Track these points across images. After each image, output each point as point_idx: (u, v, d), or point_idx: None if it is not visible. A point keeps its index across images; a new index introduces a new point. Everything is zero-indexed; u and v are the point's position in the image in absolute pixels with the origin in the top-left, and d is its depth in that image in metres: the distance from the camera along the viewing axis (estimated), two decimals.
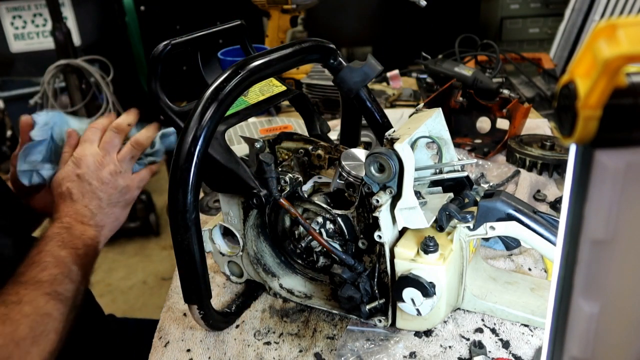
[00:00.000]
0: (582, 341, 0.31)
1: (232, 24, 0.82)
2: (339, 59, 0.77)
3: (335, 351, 0.70)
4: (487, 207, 0.66)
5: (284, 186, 0.71)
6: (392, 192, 0.64)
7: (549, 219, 0.65)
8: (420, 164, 0.73)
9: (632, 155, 0.27)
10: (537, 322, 0.70)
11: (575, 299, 0.31)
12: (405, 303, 0.65)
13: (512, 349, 0.68)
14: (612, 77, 0.25)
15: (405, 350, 0.69)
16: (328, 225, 0.72)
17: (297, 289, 0.79)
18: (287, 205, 0.71)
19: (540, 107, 1.59)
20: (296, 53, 0.71)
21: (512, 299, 0.72)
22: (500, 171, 1.13)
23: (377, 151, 0.63)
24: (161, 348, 0.73)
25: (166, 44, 0.71)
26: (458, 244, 0.68)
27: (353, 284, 0.69)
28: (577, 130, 0.27)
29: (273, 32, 1.58)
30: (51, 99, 2.36)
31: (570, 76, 0.27)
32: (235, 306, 0.78)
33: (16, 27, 2.55)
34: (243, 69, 0.63)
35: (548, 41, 2.60)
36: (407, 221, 0.65)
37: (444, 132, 0.74)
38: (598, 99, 0.25)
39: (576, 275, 0.30)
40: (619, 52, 0.24)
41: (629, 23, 0.25)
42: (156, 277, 2.54)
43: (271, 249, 0.80)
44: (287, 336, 0.74)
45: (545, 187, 1.07)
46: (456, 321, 0.73)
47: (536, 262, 0.84)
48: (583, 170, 0.28)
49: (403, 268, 0.65)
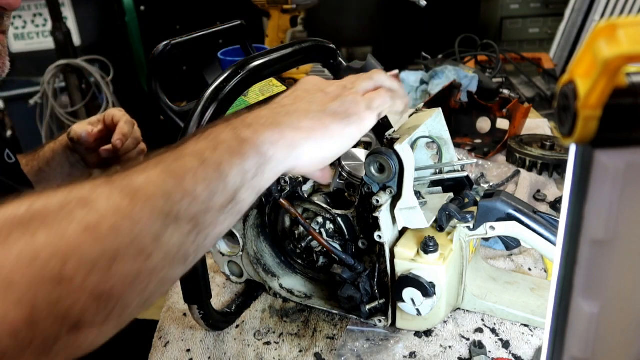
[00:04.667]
0: (582, 341, 0.31)
1: (232, 24, 0.83)
2: (339, 59, 0.77)
3: (335, 351, 0.70)
4: (487, 207, 0.66)
5: (284, 186, 0.71)
6: (392, 192, 0.64)
7: (549, 219, 0.65)
8: (420, 164, 0.73)
9: (632, 155, 0.27)
10: (537, 322, 0.70)
11: (575, 299, 0.31)
12: (405, 303, 0.65)
13: (512, 349, 0.68)
14: (612, 77, 0.25)
15: (405, 350, 0.69)
16: (328, 225, 0.72)
17: (297, 289, 0.79)
18: (287, 205, 0.71)
19: (540, 107, 1.59)
20: (296, 53, 0.71)
21: (512, 299, 0.72)
22: (500, 171, 1.13)
23: (377, 151, 0.63)
24: (161, 348, 0.73)
25: (166, 44, 0.71)
26: (458, 244, 0.68)
27: (353, 284, 0.69)
28: (577, 130, 0.27)
29: (273, 32, 1.58)
30: (51, 99, 2.36)
31: (570, 76, 0.27)
32: (235, 306, 0.78)
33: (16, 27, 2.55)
34: (243, 69, 0.63)
35: (548, 41, 2.60)
36: (407, 221, 0.65)
37: (444, 132, 0.74)
38: (598, 99, 0.25)
39: (576, 275, 0.30)
40: (619, 52, 0.24)
41: (629, 23, 0.25)
42: None
43: (271, 249, 0.80)
44: (287, 336, 0.74)
45: (545, 187, 1.07)
46: (456, 321, 0.73)
47: (536, 262, 0.84)
48: (583, 170, 0.28)
49: (403, 268, 0.65)
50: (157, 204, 0.41)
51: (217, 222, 0.45)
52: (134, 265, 0.39)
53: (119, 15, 2.75)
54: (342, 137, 0.54)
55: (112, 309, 0.38)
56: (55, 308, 0.35)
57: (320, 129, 0.52)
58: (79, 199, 0.39)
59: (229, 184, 0.45)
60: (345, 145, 0.55)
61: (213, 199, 0.44)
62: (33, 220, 0.37)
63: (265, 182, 0.49)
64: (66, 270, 0.35)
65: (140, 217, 0.39)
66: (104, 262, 0.37)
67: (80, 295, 0.36)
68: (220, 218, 0.45)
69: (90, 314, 0.37)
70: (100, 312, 0.37)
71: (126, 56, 2.81)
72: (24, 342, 0.34)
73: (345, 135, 0.54)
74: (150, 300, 0.41)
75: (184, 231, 0.42)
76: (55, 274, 0.35)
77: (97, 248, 0.37)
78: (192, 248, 0.43)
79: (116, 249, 0.38)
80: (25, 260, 0.35)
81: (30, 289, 0.34)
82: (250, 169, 0.47)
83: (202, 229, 0.43)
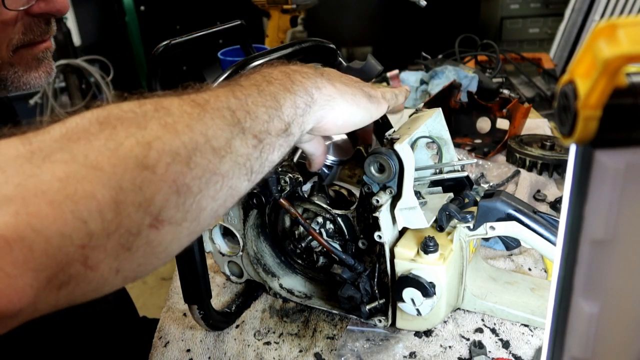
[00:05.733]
0: (582, 341, 0.31)
1: (232, 24, 0.82)
2: (339, 59, 0.77)
3: (335, 351, 0.70)
4: (487, 207, 0.66)
5: (284, 186, 0.71)
6: (392, 192, 0.64)
7: (549, 219, 0.65)
8: (420, 164, 0.73)
9: (632, 155, 0.27)
10: (537, 322, 0.70)
11: (575, 299, 0.31)
12: (405, 303, 0.65)
13: (512, 349, 0.68)
14: (612, 77, 0.25)
15: (405, 350, 0.69)
16: (328, 225, 0.72)
17: (297, 289, 0.79)
18: (287, 205, 0.71)
19: (540, 107, 1.59)
20: (296, 53, 0.71)
21: (512, 299, 0.72)
22: (500, 171, 1.13)
23: (377, 151, 0.63)
24: (161, 348, 0.73)
25: (166, 44, 0.71)
26: (458, 244, 0.68)
27: (353, 284, 0.69)
28: (577, 130, 0.27)
29: (273, 32, 1.58)
30: (51, 99, 2.36)
31: (570, 76, 0.27)
32: (235, 306, 0.78)
33: None
34: (243, 69, 0.63)
35: (548, 41, 2.60)
36: (407, 221, 0.65)
37: (444, 132, 0.74)
38: (598, 99, 0.25)
39: (576, 275, 0.30)
40: (619, 52, 0.24)
41: (629, 23, 0.25)
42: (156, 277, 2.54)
43: (271, 249, 0.80)
44: (287, 336, 0.74)
45: (545, 187, 1.07)
46: (456, 321, 0.73)
47: (536, 262, 0.84)
48: (583, 170, 0.28)
49: (403, 268, 0.65)
50: (225, 114, 0.44)
51: (275, 146, 0.48)
52: (210, 163, 0.41)
53: (119, 15, 2.76)
54: (365, 109, 0.60)
55: (189, 206, 0.40)
56: (139, 194, 0.36)
57: (351, 94, 0.59)
58: (152, 104, 0.41)
59: (284, 113, 0.50)
60: (366, 118, 0.61)
61: (272, 122, 0.48)
62: (110, 119, 0.38)
63: (308, 122, 0.54)
64: (149, 158, 0.37)
65: (211, 123, 0.42)
66: (184, 154, 0.39)
67: (162, 184, 0.37)
68: (277, 143, 0.48)
69: (170, 207, 0.38)
70: (180, 207, 0.39)
71: (126, 56, 2.81)
72: (110, 227, 0.35)
73: (368, 109, 0.60)
74: (218, 212, 0.43)
75: (250, 144, 0.45)
76: (139, 160, 0.37)
77: (176, 141, 0.39)
78: (257, 163, 0.46)
79: (194, 144, 0.40)
80: (110, 147, 0.36)
81: (116, 172, 0.35)
82: (300, 105, 0.52)
83: (264, 148, 0.47)
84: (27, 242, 0.32)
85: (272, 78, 0.52)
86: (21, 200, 0.32)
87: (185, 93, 0.45)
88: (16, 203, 0.32)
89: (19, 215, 0.32)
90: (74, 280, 0.34)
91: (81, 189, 0.34)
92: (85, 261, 0.34)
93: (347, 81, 0.61)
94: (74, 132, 0.37)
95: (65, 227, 0.33)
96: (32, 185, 0.33)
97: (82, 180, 0.34)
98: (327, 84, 0.57)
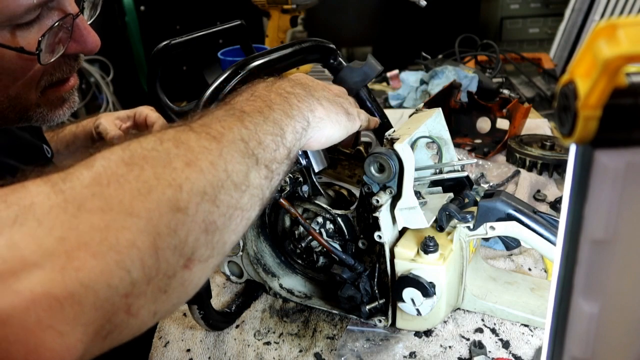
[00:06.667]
0: (582, 341, 0.31)
1: (232, 24, 0.83)
2: (339, 59, 0.77)
3: (335, 351, 0.70)
4: (487, 207, 0.66)
5: (284, 186, 0.71)
6: (392, 192, 0.64)
7: (549, 219, 0.65)
8: (420, 164, 0.73)
9: (632, 155, 0.27)
10: (537, 322, 0.70)
11: (575, 299, 0.31)
12: (405, 303, 0.65)
13: (512, 349, 0.68)
14: (612, 77, 0.25)
15: (405, 350, 0.69)
16: (328, 225, 0.72)
17: (297, 289, 0.79)
18: (287, 205, 0.71)
19: (540, 107, 1.59)
20: (296, 53, 0.71)
21: (512, 299, 0.72)
22: (500, 171, 1.13)
23: (377, 151, 0.63)
24: (161, 348, 0.73)
25: (166, 44, 0.71)
26: (458, 244, 0.68)
27: (353, 284, 0.69)
28: (577, 130, 0.27)
29: (273, 32, 1.58)
30: None
31: (570, 76, 0.27)
32: (235, 306, 0.78)
33: None
34: (243, 69, 0.63)
35: (548, 41, 2.59)
36: (407, 221, 0.65)
37: (444, 132, 0.74)
38: (598, 99, 0.25)
39: (576, 275, 0.30)
40: (619, 52, 0.24)
41: (629, 23, 0.25)
42: None
43: (271, 249, 0.80)
44: (287, 336, 0.74)
45: (545, 187, 1.07)
46: (456, 321, 0.73)
47: (536, 262, 0.84)
48: (583, 170, 0.28)
49: (403, 268, 0.65)
50: (240, 147, 0.45)
51: (280, 172, 0.50)
52: (232, 199, 0.42)
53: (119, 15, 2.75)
54: (344, 127, 0.61)
55: (216, 243, 0.40)
56: (175, 237, 0.37)
57: (335, 114, 0.60)
58: (172, 142, 0.41)
59: (287, 140, 0.51)
60: (343, 134, 0.62)
61: (278, 150, 0.49)
62: (135, 160, 0.38)
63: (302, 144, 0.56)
64: (181, 200, 0.37)
65: (230, 157, 0.43)
66: (211, 193, 0.40)
67: (194, 224, 0.38)
68: (282, 170, 0.50)
69: (200, 246, 0.39)
70: (208, 245, 0.40)
71: (126, 56, 2.80)
72: (150, 273, 0.35)
73: (346, 126, 0.62)
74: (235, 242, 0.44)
75: (262, 174, 0.46)
76: (172, 203, 0.37)
77: (203, 180, 0.40)
78: (268, 192, 0.48)
79: (219, 181, 0.41)
80: (142, 191, 0.36)
81: (152, 218, 0.36)
82: (298, 130, 0.54)
83: (273, 176, 0.48)
84: (77, 297, 0.31)
85: (272, 103, 0.53)
86: (65, 254, 0.32)
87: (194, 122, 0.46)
88: (60, 258, 0.32)
89: (65, 270, 0.31)
90: (117, 329, 0.34)
91: (122, 238, 0.34)
92: (129, 309, 0.34)
93: (330, 97, 0.62)
94: (103, 177, 0.36)
95: (112, 279, 0.33)
96: (73, 237, 0.33)
97: (122, 229, 0.34)
98: (318, 105, 0.58)
